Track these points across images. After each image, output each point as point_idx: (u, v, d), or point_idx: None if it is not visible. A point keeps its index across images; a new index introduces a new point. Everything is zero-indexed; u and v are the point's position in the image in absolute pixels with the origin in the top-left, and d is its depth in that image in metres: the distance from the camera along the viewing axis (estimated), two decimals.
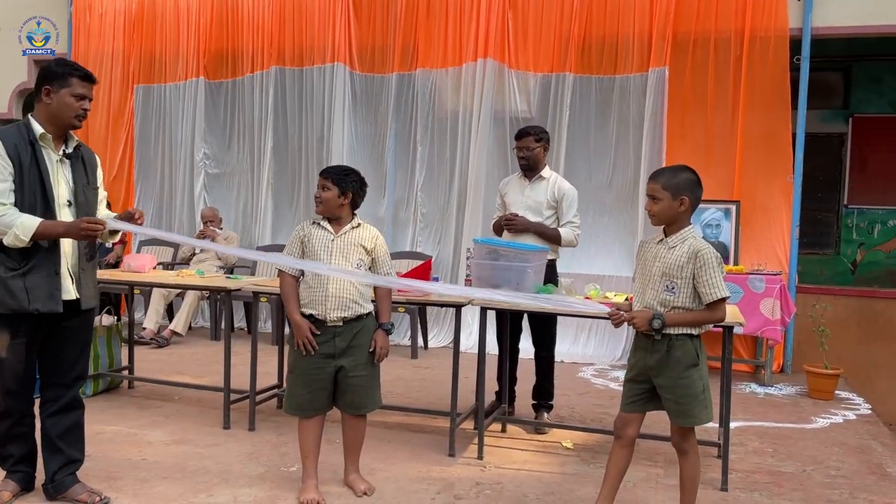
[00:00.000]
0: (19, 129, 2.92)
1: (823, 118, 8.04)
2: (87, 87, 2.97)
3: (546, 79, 6.71)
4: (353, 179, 3.21)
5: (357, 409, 3.21)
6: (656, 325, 2.72)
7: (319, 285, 3.08)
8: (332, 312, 3.07)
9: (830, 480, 3.61)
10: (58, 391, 3.03)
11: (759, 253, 6.12)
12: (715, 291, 2.70)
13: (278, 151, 7.60)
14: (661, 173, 2.84)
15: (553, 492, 3.35)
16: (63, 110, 2.92)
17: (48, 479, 3.04)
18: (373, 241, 3.21)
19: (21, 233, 2.76)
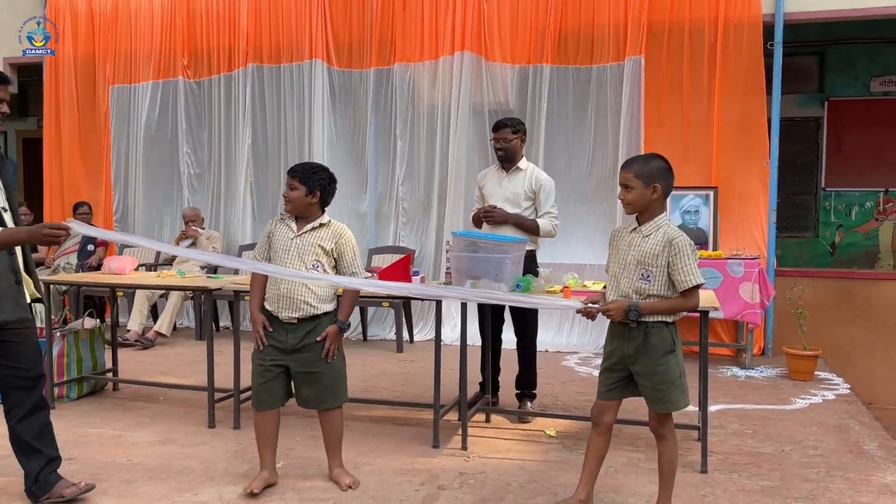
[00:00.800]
0: None
1: (799, 102, 8.13)
2: (2, 89, 2.95)
3: (523, 70, 6.73)
4: (322, 177, 3.22)
5: (318, 405, 3.26)
6: (632, 315, 2.76)
7: (274, 284, 3.18)
8: (283, 311, 3.15)
9: (808, 460, 3.68)
10: (22, 395, 3.03)
11: (737, 238, 6.18)
12: (689, 279, 2.74)
13: (257, 149, 7.58)
14: (633, 162, 2.87)
15: (536, 479, 3.39)
16: None
17: (32, 482, 3.04)
18: (333, 241, 3.20)
19: None
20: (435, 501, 3.14)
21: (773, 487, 3.30)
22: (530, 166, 4.46)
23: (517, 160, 4.40)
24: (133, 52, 7.83)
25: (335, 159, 7.31)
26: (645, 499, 3.14)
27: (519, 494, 3.21)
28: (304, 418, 4.37)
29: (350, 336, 7.03)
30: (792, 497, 3.19)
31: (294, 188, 3.17)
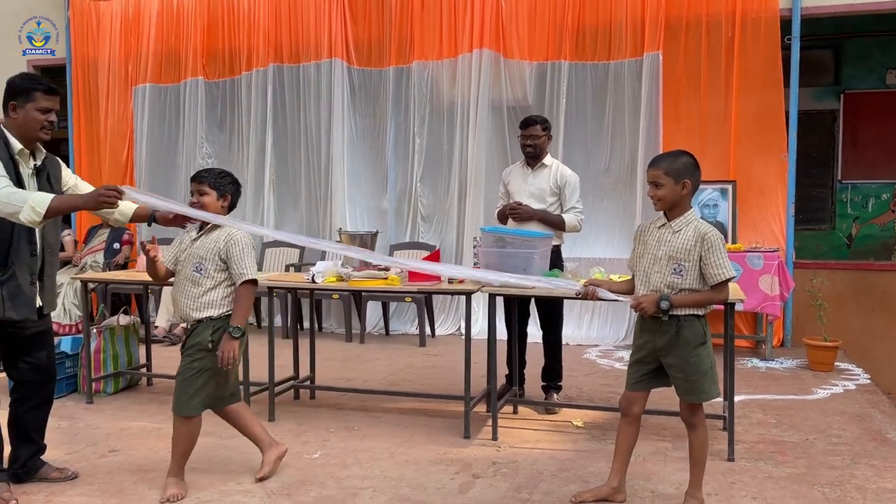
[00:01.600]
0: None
1: (815, 95, 8.16)
2: (52, 99, 3.05)
3: (542, 67, 6.81)
4: (230, 181, 3.27)
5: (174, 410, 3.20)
6: (664, 306, 2.82)
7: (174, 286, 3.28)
8: (176, 315, 3.31)
9: (833, 448, 3.76)
10: (36, 388, 3.26)
11: (756, 231, 6.25)
12: (722, 272, 2.81)
13: (279, 149, 7.69)
14: (662, 159, 2.95)
15: (567, 468, 3.49)
16: (29, 124, 3.01)
17: (19, 465, 3.26)
18: (223, 242, 3.15)
19: (37, 206, 2.85)
20: (471, 489, 3.24)
21: (800, 474, 3.38)
22: (555, 162, 4.55)
23: (543, 157, 4.49)
24: (155, 52, 7.94)
25: (355, 157, 7.43)
26: (675, 486, 3.23)
27: (552, 482, 3.31)
28: (335, 410, 4.50)
29: (372, 331, 7.16)
30: (818, 483, 3.27)
31: (205, 193, 3.16)
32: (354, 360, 5.98)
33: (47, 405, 3.35)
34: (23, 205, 2.83)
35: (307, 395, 4.82)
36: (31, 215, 2.84)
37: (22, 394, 3.25)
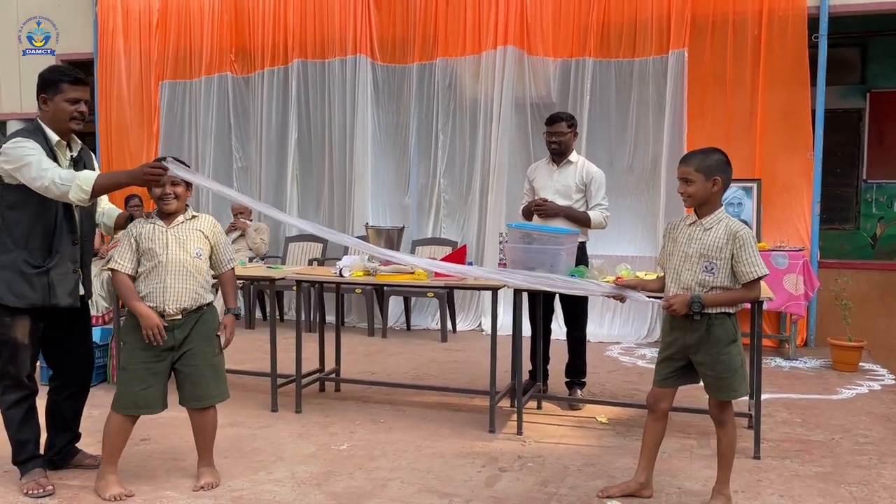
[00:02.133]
0: (38, 134, 3.06)
1: (841, 94, 8.10)
2: (79, 89, 3.10)
3: (566, 64, 6.82)
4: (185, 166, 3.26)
5: (199, 401, 3.16)
6: (695, 307, 2.83)
7: (157, 278, 3.06)
8: (171, 305, 3.05)
9: (859, 447, 3.75)
10: (74, 376, 3.34)
11: (780, 230, 6.23)
12: (754, 270, 2.81)
13: (302, 144, 7.75)
14: (693, 156, 2.96)
15: (593, 463, 3.51)
16: (60, 115, 3.07)
17: (55, 452, 3.34)
18: (211, 229, 3.21)
19: (83, 184, 2.92)
20: (497, 482, 3.27)
21: (826, 473, 3.38)
22: (580, 159, 4.56)
23: (569, 154, 4.51)
24: (182, 48, 8.03)
25: (378, 153, 7.48)
26: (701, 482, 3.24)
27: (578, 477, 3.33)
28: (360, 403, 4.55)
29: (394, 326, 7.21)
30: (846, 483, 3.27)
31: (177, 184, 3.12)
32: (377, 354, 6.03)
33: (84, 393, 3.43)
34: (70, 184, 2.91)
35: (332, 387, 4.87)
36: (80, 193, 2.91)
37: (61, 381, 3.34)
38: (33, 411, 3.22)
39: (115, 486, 3.07)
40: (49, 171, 2.93)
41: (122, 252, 3.09)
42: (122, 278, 3.09)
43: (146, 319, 3.01)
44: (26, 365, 3.14)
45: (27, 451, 3.18)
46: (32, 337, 3.11)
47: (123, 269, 3.08)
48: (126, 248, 3.09)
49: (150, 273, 3.07)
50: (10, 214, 3.03)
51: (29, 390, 3.17)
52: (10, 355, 3.10)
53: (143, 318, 3.01)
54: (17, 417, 3.15)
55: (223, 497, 3.07)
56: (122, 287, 3.09)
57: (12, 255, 3.03)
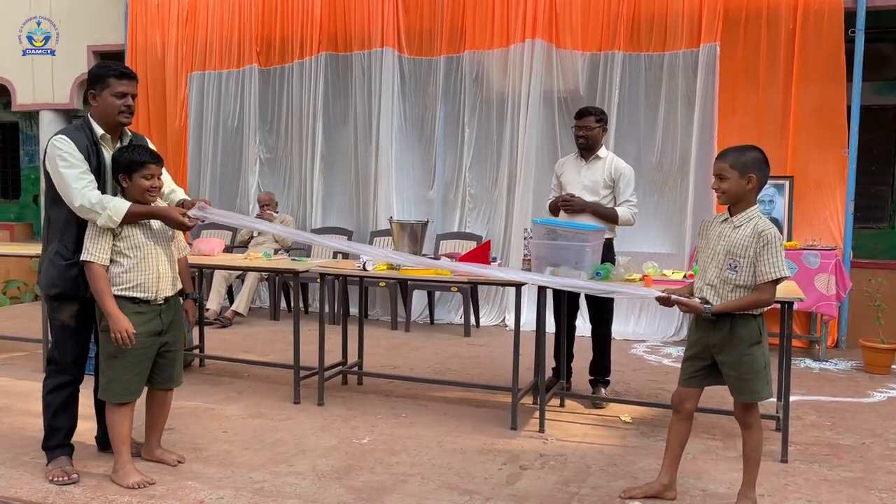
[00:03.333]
0: (83, 129, 3.12)
1: (877, 90, 7.91)
2: (126, 83, 3.12)
3: (595, 58, 6.73)
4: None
5: (173, 382, 3.28)
6: (706, 315, 2.84)
7: (149, 267, 3.07)
8: (163, 291, 3.11)
9: (890, 452, 3.66)
10: None
11: (812, 228, 6.10)
12: (773, 271, 2.75)
13: (329, 136, 7.76)
14: (729, 152, 2.90)
15: (616, 463, 3.47)
16: (108, 110, 3.11)
17: (102, 434, 3.40)
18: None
19: (114, 214, 2.98)
20: (518, 480, 3.24)
21: (856, 479, 3.30)
22: (609, 155, 4.50)
23: (597, 149, 4.45)
24: (209, 40, 8.08)
25: (403, 146, 7.46)
26: (726, 485, 3.19)
27: (600, 477, 3.29)
28: (383, 396, 4.55)
29: (417, 320, 7.20)
30: (876, 489, 3.19)
31: (159, 177, 3.15)
32: (400, 347, 6.03)
33: None
34: (101, 211, 2.97)
35: (355, 380, 4.88)
36: (108, 223, 2.99)
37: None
38: (73, 399, 3.26)
39: (135, 475, 3.10)
40: (83, 190, 2.98)
41: (99, 244, 3.02)
42: (99, 270, 3.02)
43: (118, 323, 2.98)
44: (72, 350, 3.18)
45: (57, 438, 3.21)
46: (79, 323, 3.16)
47: (101, 261, 3.03)
48: (101, 239, 3.03)
49: (139, 263, 3.07)
50: (53, 208, 3.12)
51: (71, 376, 3.21)
52: (57, 340, 3.18)
53: (115, 320, 2.98)
54: (56, 403, 3.19)
55: (244, 489, 3.09)
56: (100, 281, 3.01)
57: (53, 246, 3.13)
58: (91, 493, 3.01)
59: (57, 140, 3.05)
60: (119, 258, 3.06)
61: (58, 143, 3.04)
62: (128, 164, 3.07)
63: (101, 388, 3.13)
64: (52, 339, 3.22)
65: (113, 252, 3.05)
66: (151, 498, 2.98)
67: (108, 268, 3.05)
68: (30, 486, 3.08)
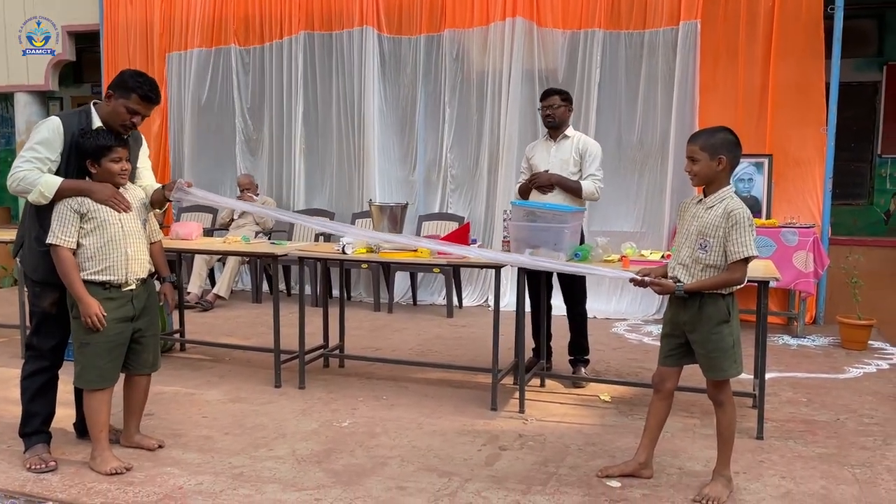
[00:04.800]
0: (80, 116, 3.13)
1: (857, 66, 7.94)
2: (145, 105, 3.12)
3: (575, 36, 6.70)
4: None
5: (150, 367, 3.26)
6: (678, 294, 2.88)
7: (117, 249, 3.03)
8: (133, 274, 3.08)
9: (864, 428, 3.72)
10: None
11: (791, 206, 6.13)
12: (742, 250, 2.77)
13: (309, 117, 7.69)
14: (699, 135, 2.91)
15: (594, 443, 3.50)
16: (114, 116, 3.11)
17: (80, 421, 3.39)
18: (143, 200, 3.23)
19: (46, 189, 2.96)
20: (497, 461, 3.27)
21: (830, 454, 3.35)
22: (577, 134, 4.57)
23: (564, 128, 4.50)
24: (187, 19, 7.95)
25: (384, 126, 7.41)
26: (702, 463, 3.23)
27: (578, 456, 3.32)
28: (364, 379, 4.55)
29: (400, 301, 7.20)
30: (849, 464, 3.24)
31: (127, 158, 3.11)
32: (383, 329, 6.04)
33: None
34: (32, 187, 2.96)
35: (336, 363, 4.88)
36: (39, 198, 2.98)
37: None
38: (51, 386, 3.24)
39: (112, 461, 3.09)
40: (22, 169, 2.98)
41: (65, 226, 2.97)
42: (67, 254, 2.98)
43: (87, 307, 2.96)
44: (52, 336, 3.17)
45: (33, 424, 3.20)
46: (60, 310, 3.14)
47: (68, 245, 2.98)
48: (68, 221, 2.98)
49: (106, 245, 3.02)
50: None
51: (49, 362, 3.20)
52: (37, 325, 3.17)
53: (85, 305, 2.96)
54: (33, 388, 3.18)
55: (224, 474, 3.09)
56: (68, 265, 2.97)
57: (33, 232, 3.12)
58: (69, 481, 3.01)
59: (46, 121, 3.09)
60: (85, 241, 3.02)
61: (41, 125, 3.08)
62: (95, 149, 3.02)
63: (76, 375, 3.11)
64: (31, 326, 3.20)
65: (80, 234, 3.02)
66: (130, 484, 2.97)
67: (76, 252, 3.02)
68: (6, 475, 3.06)
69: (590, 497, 2.89)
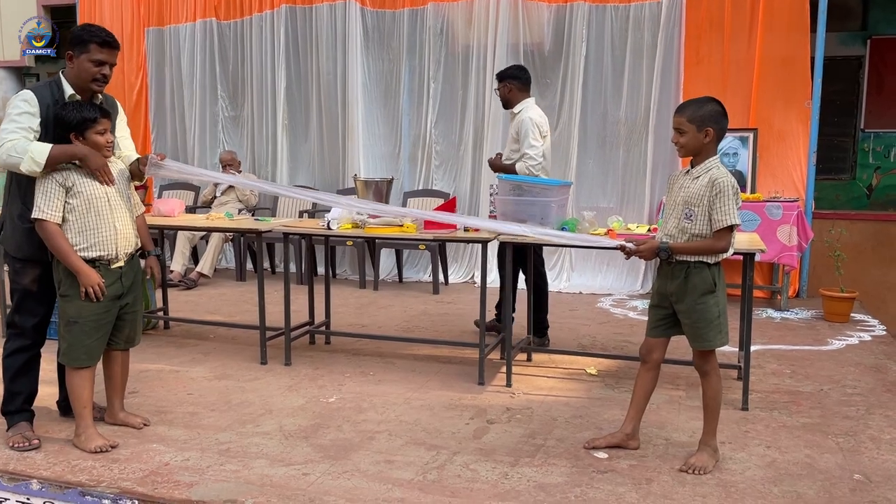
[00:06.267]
0: (50, 87, 3.06)
1: (841, 41, 7.94)
2: (107, 52, 3.03)
3: (561, 9, 6.64)
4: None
5: (131, 343, 3.23)
6: (663, 255, 2.88)
7: (105, 224, 2.97)
8: (123, 250, 3.03)
9: (847, 398, 3.76)
10: None
11: (776, 180, 6.15)
12: (725, 218, 2.78)
13: (291, 93, 7.59)
14: (687, 106, 2.89)
15: (581, 415, 3.51)
16: (82, 75, 3.03)
17: (63, 399, 3.38)
18: (126, 173, 3.17)
19: (37, 156, 2.88)
20: (485, 434, 3.27)
21: (814, 424, 3.39)
22: (522, 109, 4.59)
23: (512, 106, 4.64)
24: None
25: (369, 102, 7.33)
26: (688, 434, 3.25)
27: (566, 428, 3.34)
28: (350, 355, 4.54)
29: (386, 278, 7.18)
30: (832, 434, 3.28)
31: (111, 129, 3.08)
32: (369, 306, 6.02)
33: None
34: (23, 156, 2.87)
35: (322, 340, 4.86)
36: (32, 165, 2.88)
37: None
38: (33, 364, 3.19)
39: (97, 439, 3.05)
40: (8, 141, 2.90)
41: (50, 200, 2.90)
42: (55, 229, 2.92)
43: (88, 277, 2.92)
44: (33, 314, 3.12)
45: (16, 403, 3.16)
46: (41, 287, 3.09)
47: (54, 219, 2.92)
48: (54, 195, 2.91)
49: (94, 220, 2.97)
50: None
51: (31, 341, 3.15)
52: (18, 303, 3.12)
53: (85, 275, 2.92)
54: (15, 366, 3.14)
55: (210, 450, 3.07)
56: (58, 239, 2.91)
57: (16, 209, 3.07)
58: (53, 459, 2.98)
59: (18, 95, 3.01)
60: (71, 215, 2.95)
61: (15, 99, 2.99)
62: (80, 121, 2.95)
63: (62, 353, 3.07)
64: (12, 303, 3.15)
65: (65, 209, 2.95)
66: (115, 462, 2.95)
67: (62, 227, 2.95)
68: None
69: (577, 468, 2.90)
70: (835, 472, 2.88)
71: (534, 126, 4.45)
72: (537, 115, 4.54)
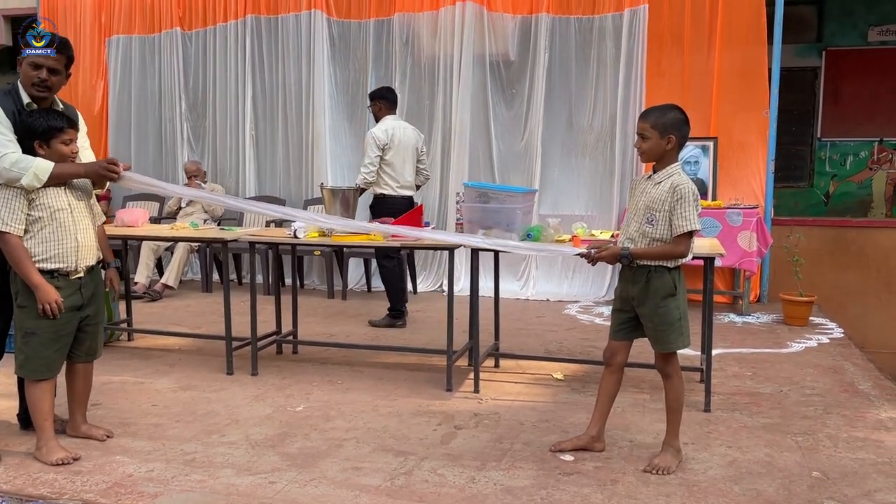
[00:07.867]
0: (11, 95, 3.00)
1: (797, 52, 8.17)
2: (42, 56, 2.97)
3: (525, 20, 6.73)
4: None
5: (93, 355, 3.18)
6: (624, 261, 2.93)
7: (66, 236, 2.93)
8: (83, 262, 2.99)
9: (806, 399, 3.85)
10: None
11: (736, 188, 6.30)
12: (685, 224, 2.83)
13: (257, 103, 7.57)
14: (651, 112, 2.95)
15: (547, 419, 3.55)
16: (26, 80, 2.99)
17: (24, 412, 3.27)
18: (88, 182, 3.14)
19: (40, 173, 2.84)
20: (453, 440, 3.28)
21: (774, 424, 3.47)
22: (378, 125, 5.33)
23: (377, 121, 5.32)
24: (129, 2, 7.73)
25: (335, 112, 7.34)
26: (652, 436, 3.30)
27: (532, 433, 3.37)
28: (318, 364, 4.53)
29: (354, 287, 7.17)
30: (791, 433, 3.36)
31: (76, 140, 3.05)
32: (337, 316, 6.00)
33: None
34: (25, 171, 2.82)
35: (290, 350, 4.84)
36: (33, 182, 2.84)
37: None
38: None
39: (59, 451, 3.00)
40: (10, 150, 2.83)
41: (13, 211, 2.85)
42: (16, 241, 2.86)
43: (46, 294, 2.87)
44: None
45: None
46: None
47: (16, 231, 2.86)
48: (17, 207, 2.86)
49: (56, 232, 2.92)
50: None
51: None
52: None
53: (43, 292, 2.87)
54: None
55: (175, 460, 3.03)
56: (19, 252, 2.86)
57: None
58: (14, 472, 2.92)
59: None
60: (33, 227, 2.91)
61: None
62: (46, 129, 2.91)
63: (20, 365, 3.00)
64: None
65: (28, 221, 2.90)
66: (78, 474, 2.90)
67: (23, 238, 2.91)
68: None
69: (544, 471, 2.93)
70: (794, 469, 2.95)
71: (373, 140, 5.25)
72: (380, 130, 5.29)
